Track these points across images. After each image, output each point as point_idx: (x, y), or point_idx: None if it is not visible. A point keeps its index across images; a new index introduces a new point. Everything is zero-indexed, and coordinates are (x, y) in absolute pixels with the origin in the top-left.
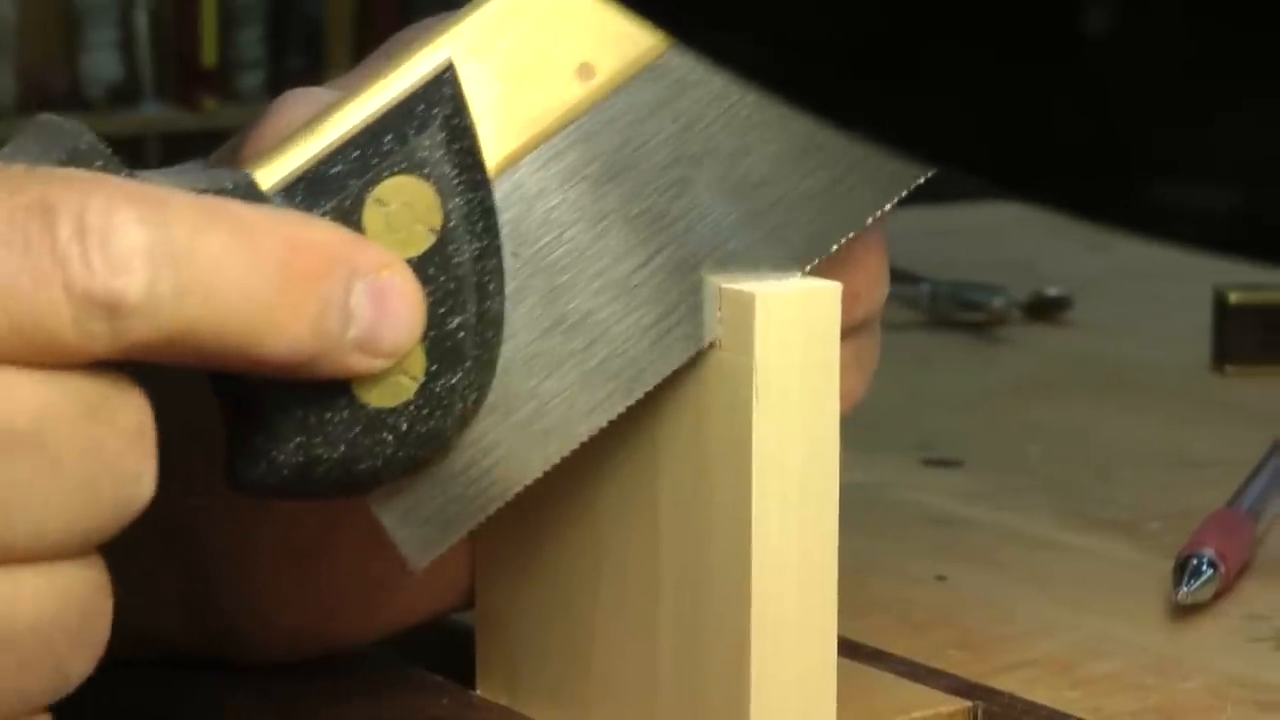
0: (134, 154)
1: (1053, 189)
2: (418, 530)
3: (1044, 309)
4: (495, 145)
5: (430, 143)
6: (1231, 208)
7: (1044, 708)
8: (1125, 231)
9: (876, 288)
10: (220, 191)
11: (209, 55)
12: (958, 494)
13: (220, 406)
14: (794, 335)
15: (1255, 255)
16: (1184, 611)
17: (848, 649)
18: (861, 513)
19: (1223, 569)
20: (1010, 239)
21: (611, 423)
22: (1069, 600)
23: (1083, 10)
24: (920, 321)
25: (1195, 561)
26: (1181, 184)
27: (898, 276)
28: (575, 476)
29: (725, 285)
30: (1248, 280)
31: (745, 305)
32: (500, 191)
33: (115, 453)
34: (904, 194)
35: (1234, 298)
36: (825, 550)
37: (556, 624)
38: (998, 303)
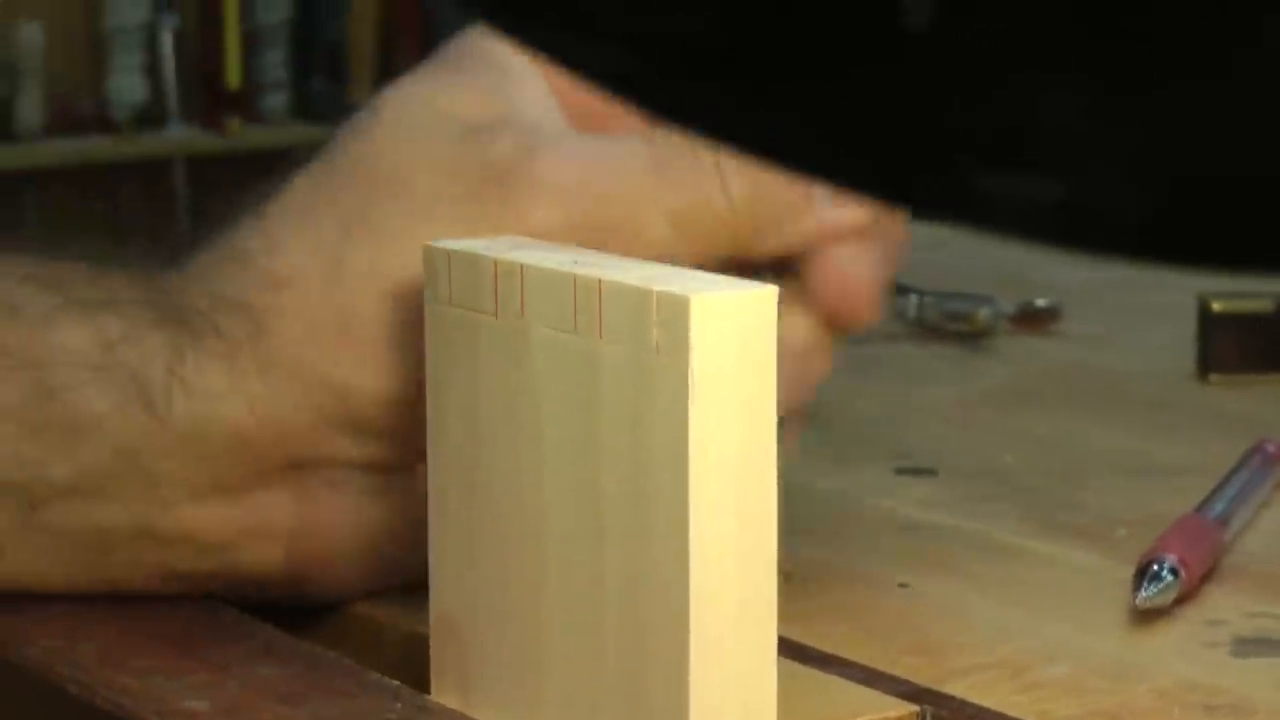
0: (160, 176)
1: (885, 186)
2: None
3: (1032, 319)
4: None
5: None
6: (1054, 198)
7: (991, 712)
8: (958, 225)
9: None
10: None
11: (233, 77)
12: (928, 502)
13: None
14: (729, 338)
15: (1078, 245)
16: (1143, 617)
17: (801, 654)
18: (830, 521)
19: (1184, 575)
20: (1000, 250)
21: (553, 423)
22: (1028, 607)
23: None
24: (907, 333)
25: (1155, 567)
26: (1005, 175)
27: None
28: (519, 479)
29: (660, 288)
30: (1232, 289)
31: (680, 308)
32: None
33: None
34: None
35: (1217, 306)
36: (764, 551)
37: (506, 627)
38: (984, 314)
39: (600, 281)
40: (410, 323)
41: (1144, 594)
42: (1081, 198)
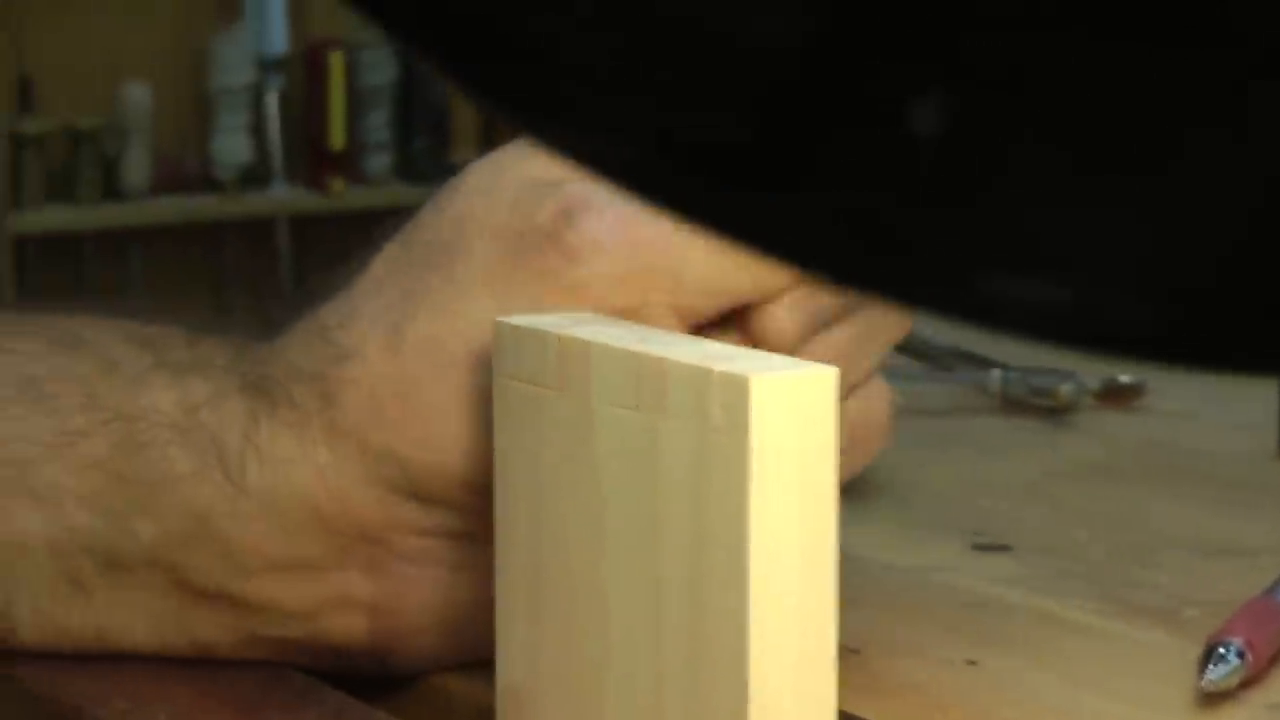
0: (264, 235)
1: (893, 286)
2: None
3: (1116, 395)
4: None
5: None
6: (1065, 302)
7: None
8: (966, 324)
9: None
10: None
11: (337, 138)
12: (1001, 579)
13: None
14: (789, 417)
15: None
16: (1207, 700)
17: None
18: (902, 596)
19: (1250, 658)
20: None
21: (615, 499)
22: (1095, 686)
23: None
24: (992, 407)
25: (1222, 649)
26: (1013, 278)
27: (972, 362)
28: (582, 553)
29: (720, 368)
30: None
31: (740, 388)
32: None
33: None
34: None
35: None
36: (824, 628)
37: (571, 700)
38: (1067, 389)
39: (664, 360)
40: (469, 394)
41: (1209, 676)
42: (1091, 304)
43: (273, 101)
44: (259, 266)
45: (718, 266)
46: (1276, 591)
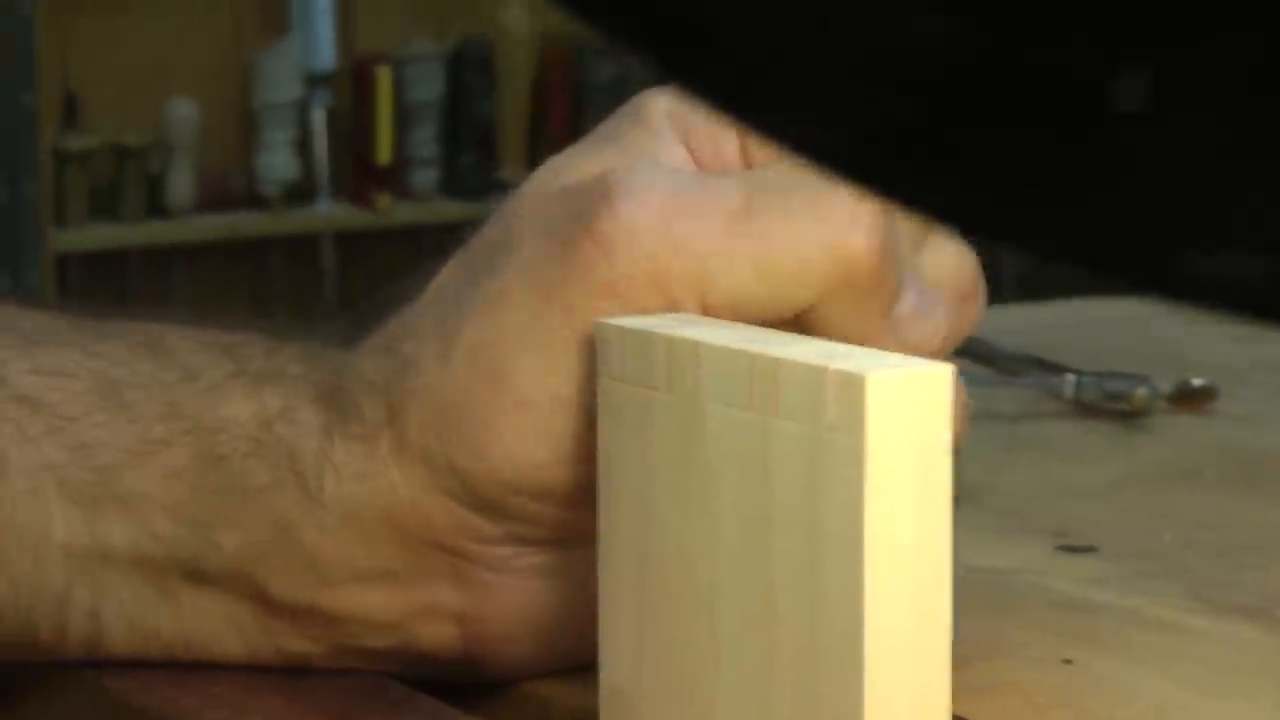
0: (310, 252)
1: (1093, 262)
2: None
3: (1190, 399)
4: None
5: None
6: (1258, 275)
7: None
8: (1162, 300)
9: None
10: None
11: (383, 153)
12: (1089, 579)
13: None
14: (905, 417)
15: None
16: None
17: None
18: (992, 597)
19: None
20: (1153, 330)
21: (726, 498)
22: (1194, 684)
23: (1111, 91)
24: (1065, 411)
25: None
26: (1214, 254)
27: (1044, 368)
28: (691, 554)
29: (835, 366)
30: None
31: (856, 387)
32: None
33: None
34: None
35: None
36: (939, 630)
37: (678, 702)
38: (1141, 392)
39: (777, 359)
40: (518, 400)
41: None
42: None
43: (319, 117)
44: (304, 284)
45: (754, 281)
46: None
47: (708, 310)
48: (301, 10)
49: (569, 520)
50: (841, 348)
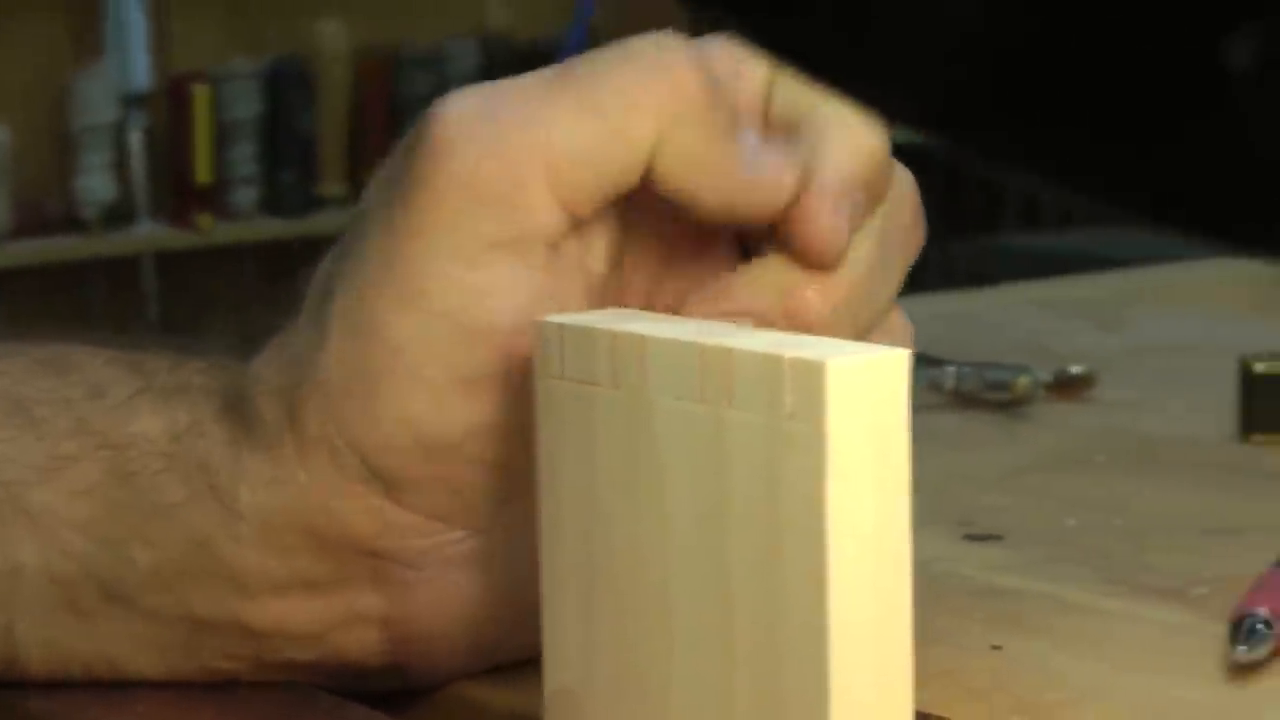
0: (130, 274)
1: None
2: None
3: (1069, 387)
4: None
5: None
6: None
7: None
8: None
9: None
10: None
11: (203, 172)
12: (1001, 566)
13: None
14: (864, 403)
15: None
16: (1240, 671)
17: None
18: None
19: (1277, 628)
20: (1023, 323)
21: (677, 493)
22: (1123, 665)
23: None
24: (947, 404)
25: (1251, 620)
26: None
27: (922, 361)
28: (641, 551)
29: (792, 354)
30: (1271, 351)
31: (815, 374)
32: None
33: None
34: None
35: (1260, 368)
36: (900, 616)
37: (629, 703)
38: (1023, 381)
39: (729, 350)
40: (408, 363)
41: (1242, 648)
42: None
43: (137, 138)
44: (125, 307)
45: (588, 126)
46: None
47: (557, 177)
48: (116, 31)
49: (479, 489)
50: (793, 337)
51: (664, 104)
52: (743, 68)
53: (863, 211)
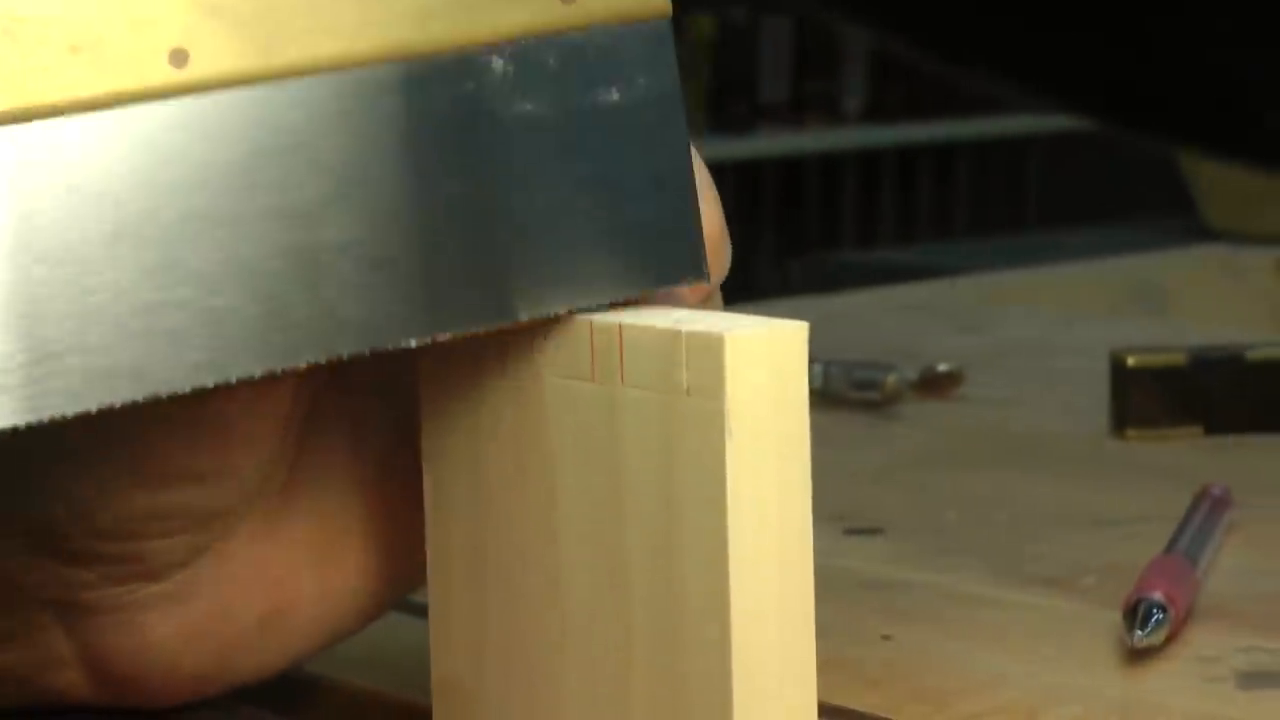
0: None
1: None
2: None
3: (936, 385)
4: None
5: None
6: None
7: None
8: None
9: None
10: None
11: None
12: (884, 559)
13: None
14: (764, 376)
15: None
16: (1137, 656)
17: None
18: None
19: (1172, 612)
20: (888, 325)
21: (567, 475)
22: (1019, 652)
23: None
24: (814, 402)
25: (1146, 605)
26: None
27: None
28: (530, 534)
29: (688, 329)
30: (1142, 345)
31: (714, 348)
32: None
33: None
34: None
35: (1131, 361)
36: (803, 596)
37: (520, 691)
38: (892, 379)
39: (620, 325)
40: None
41: (1140, 633)
42: None
43: None
44: None
45: None
46: (1176, 549)
47: None
48: None
49: (165, 552)
50: (684, 311)
51: None
52: None
53: None
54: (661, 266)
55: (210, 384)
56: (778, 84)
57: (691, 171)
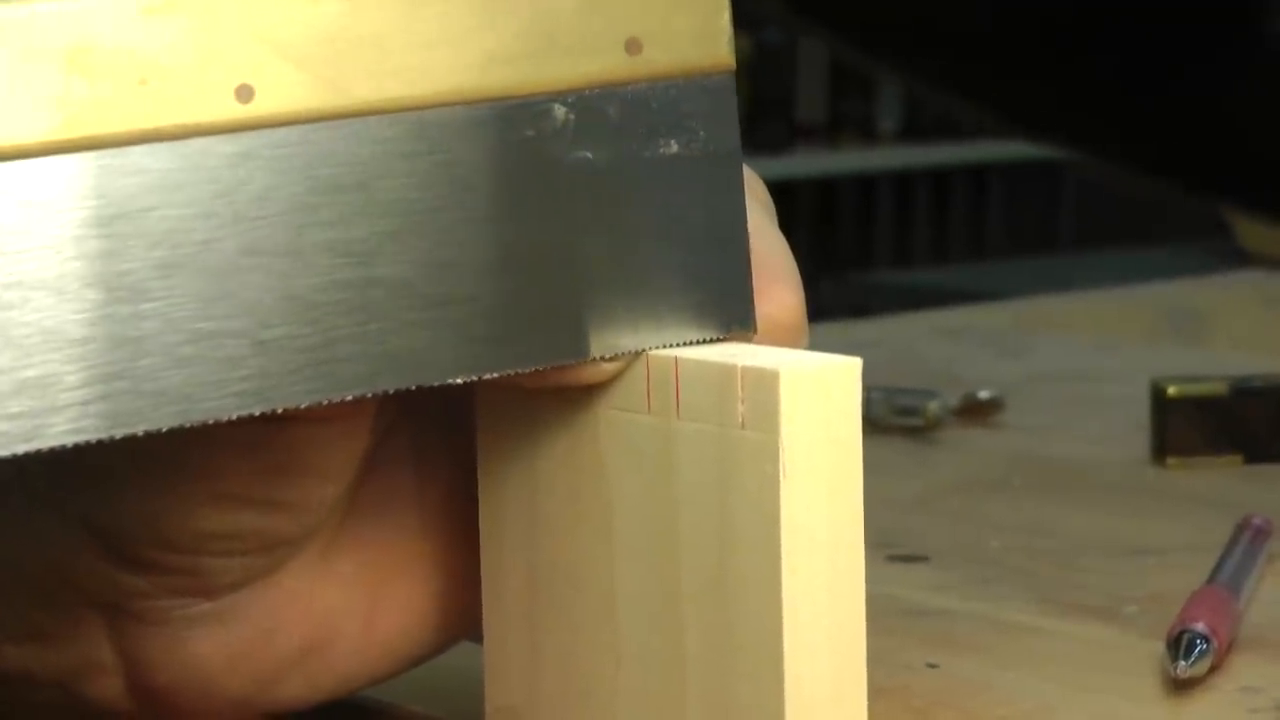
0: None
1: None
2: None
3: (977, 412)
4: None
5: None
6: None
7: None
8: None
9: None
10: None
11: None
12: (930, 588)
13: None
14: (818, 411)
15: None
16: (1181, 687)
17: None
18: None
19: (1215, 643)
20: (926, 350)
21: (623, 507)
22: (1063, 682)
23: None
24: None
25: (1190, 636)
26: None
27: None
28: (587, 565)
29: (745, 364)
30: (1183, 374)
31: (769, 383)
32: None
33: None
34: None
35: (1172, 391)
36: (854, 626)
37: (576, 717)
38: (933, 406)
39: (676, 359)
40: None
41: (1184, 664)
42: None
43: None
44: None
45: None
46: (1218, 580)
47: None
48: None
49: (220, 571)
50: (740, 347)
51: None
52: None
53: None
54: (704, 317)
55: (257, 412)
56: (814, 104)
57: (745, 224)
